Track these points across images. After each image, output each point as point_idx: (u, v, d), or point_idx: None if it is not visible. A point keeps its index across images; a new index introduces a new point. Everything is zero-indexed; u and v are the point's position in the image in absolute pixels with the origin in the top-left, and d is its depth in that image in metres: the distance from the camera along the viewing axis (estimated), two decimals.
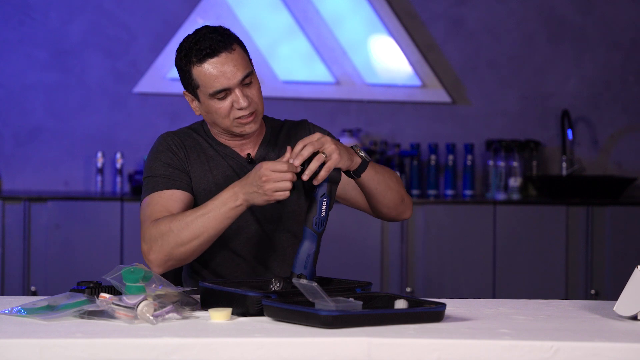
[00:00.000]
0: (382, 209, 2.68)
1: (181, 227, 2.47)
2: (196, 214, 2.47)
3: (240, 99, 2.56)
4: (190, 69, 2.57)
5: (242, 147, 2.69)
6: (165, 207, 2.56)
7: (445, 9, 5.49)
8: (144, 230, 2.54)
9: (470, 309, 2.35)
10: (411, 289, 4.95)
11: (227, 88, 2.56)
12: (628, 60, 5.56)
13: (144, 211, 2.58)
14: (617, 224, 5.02)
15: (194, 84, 2.58)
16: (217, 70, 2.55)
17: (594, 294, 4.98)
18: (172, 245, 2.48)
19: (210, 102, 2.58)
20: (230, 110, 2.58)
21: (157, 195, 2.59)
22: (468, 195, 5.34)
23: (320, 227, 2.40)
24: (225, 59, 2.55)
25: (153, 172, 2.63)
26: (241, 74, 2.56)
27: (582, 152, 5.54)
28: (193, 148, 2.68)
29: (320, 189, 2.40)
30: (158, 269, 2.51)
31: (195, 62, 2.56)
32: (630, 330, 2.14)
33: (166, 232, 2.48)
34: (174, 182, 2.61)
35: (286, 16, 5.40)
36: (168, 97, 5.35)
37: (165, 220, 2.50)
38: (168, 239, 2.47)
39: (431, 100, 5.47)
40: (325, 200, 2.40)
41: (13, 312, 2.22)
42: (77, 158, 5.33)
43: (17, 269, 4.84)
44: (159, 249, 2.49)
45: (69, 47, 5.32)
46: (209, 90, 2.56)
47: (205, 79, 2.56)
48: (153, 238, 2.50)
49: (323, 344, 1.99)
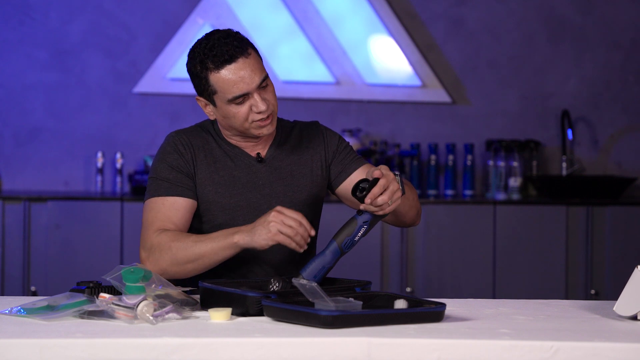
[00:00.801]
0: (398, 224, 2.74)
1: (180, 248, 2.51)
2: (196, 239, 2.51)
3: (259, 102, 2.56)
4: (207, 75, 2.56)
5: (252, 148, 2.69)
6: (167, 216, 2.59)
7: (445, 9, 5.49)
8: (145, 236, 2.58)
9: (470, 309, 2.35)
10: (411, 288, 4.95)
11: (246, 93, 2.56)
12: (628, 60, 5.56)
13: (146, 215, 2.62)
14: (617, 224, 5.02)
15: (210, 90, 2.58)
16: (236, 76, 2.55)
17: (594, 294, 4.98)
18: (168, 262, 2.52)
19: (229, 107, 2.58)
20: (249, 114, 2.58)
21: (159, 202, 2.61)
22: (468, 195, 5.34)
23: (348, 248, 2.42)
24: (243, 64, 2.55)
25: (157, 174, 2.64)
26: (259, 79, 2.56)
27: (582, 152, 5.54)
28: (201, 148, 2.68)
29: (365, 215, 2.41)
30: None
31: (212, 68, 2.55)
32: (630, 330, 2.14)
33: (166, 248, 2.52)
34: (177, 188, 2.61)
35: (286, 16, 5.40)
36: (168, 97, 5.35)
37: (169, 236, 2.53)
38: (165, 255, 2.52)
39: (431, 100, 5.47)
40: (365, 228, 2.41)
41: (13, 312, 2.22)
42: (77, 158, 5.33)
43: (17, 269, 4.84)
44: (155, 261, 2.53)
45: (69, 47, 5.32)
46: (227, 96, 2.56)
47: (223, 85, 2.55)
48: (152, 249, 2.54)
49: (323, 344, 1.99)
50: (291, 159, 2.71)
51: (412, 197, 2.67)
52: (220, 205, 2.64)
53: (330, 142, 2.75)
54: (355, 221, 2.40)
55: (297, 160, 2.71)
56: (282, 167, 2.68)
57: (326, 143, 2.75)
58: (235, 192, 2.65)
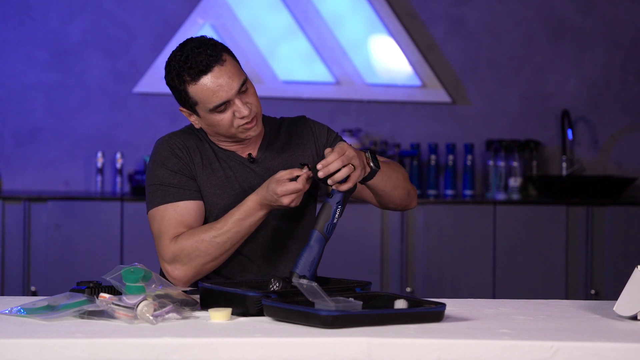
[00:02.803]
0: (389, 204, 2.72)
1: (209, 246, 2.53)
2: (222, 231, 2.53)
3: (241, 108, 2.56)
4: (186, 87, 2.55)
5: (243, 150, 2.69)
6: (182, 222, 2.57)
7: (445, 9, 5.49)
8: (163, 248, 2.56)
9: (470, 309, 2.35)
10: (411, 288, 4.95)
11: (227, 100, 2.55)
12: (628, 60, 5.56)
13: (158, 224, 2.58)
14: (617, 224, 5.02)
15: (191, 101, 2.57)
16: (214, 85, 2.53)
17: (594, 294, 4.98)
18: (202, 262, 2.54)
19: (212, 116, 2.57)
20: (232, 119, 2.57)
21: (170, 208, 2.59)
22: (468, 195, 5.34)
23: (330, 232, 2.43)
24: (219, 73, 2.53)
25: (161, 181, 2.61)
26: (237, 84, 2.55)
27: (582, 152, 5.54)
28: (195, 149, 2.67)
29: (336, 196, 2.43)
30: (183, 285, 2.56)
31: (189, 80, 2.54)
32: (630, 330, 2.14)
33: (192, 251, 2.53)
34: (185, 192, 2.60)
35: (286, 16, 5.40)
36: (168, 97, 5.34)
37: (189, 239, 2.54)
38: (196, 258, 2.53)
39: (431, 100, 5.47)
40: (340, 208, 2.43)
41: (13, 312, 2.22)
42: (77, 158, 5.33)
43: (17, 269, 4.84)
44: (186, 268, 2.54)
45: (69, 47, 5.32)
46: (208, 106, 2.55)
47: (203, 95, 2.54)
48: (177, 257, 2.53)
49: (323, 344, 1.99)
50: (283, 157, 2.71)
51: (396, 175, 2.65)
52: (219, 207, 2.64)
53: (319, 135, 2.76)
54: (328, 204, 2.43)
55: (289, 157, 2.71)
56: (275, 166, 2.68)
57: (316, 136, 2.75)
58: (232, 193, 2.65)
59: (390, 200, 2.69)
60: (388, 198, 2.67)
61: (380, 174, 2.57)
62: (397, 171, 2.67)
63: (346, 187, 2.42)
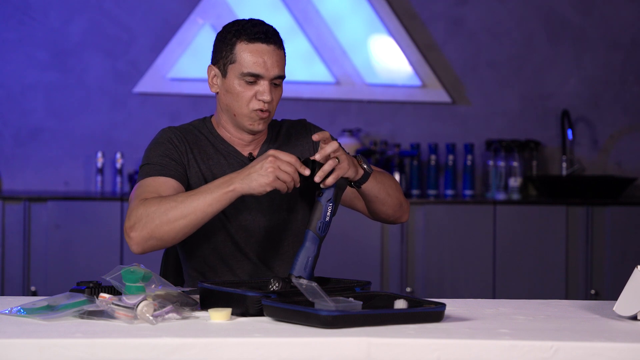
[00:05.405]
0: (381, 214, 2.71)
1: (170, 207, 2.43)
2: (187, 195, 2.45)
3: (266, 91, 2.61)
4: (236, 42, 2.62)
5: (244, 148, 2.70)
6: (157, 190, 2.52)
7: (445, 9, 5.49)
8: (130, 208, 2.49)
9: (470, 309, 2.35)
10: (411, 289, 4.95)
11: (260, 75, 2.61)
12: (628, 60, 5.56)
13: (134, 193, 2.54)
14: (617, 224, 5.02)
15: (231, 57, 2.62)
16: (261, 56, 2.62)
17: (594, 294, 4.98)
18: (157, 223, 2.43)
19: (237, 83, 2.61)
20: (252, 99, 2.61)
21: (150, 180, 2.56)
22: (468, 195, 5.34)
23: (324, 231, 2.42)
24: (272, 51, 2.66)
25: (149, 161, 2.61)
26: (277, 71, 2.66)
27: (582, 152, 5.54)
28: (195, 144, 2.67)
29: (326, 193, 2.43)
30: (137, 248, 2.46)
31: (244, 39, 2.62)
32: (630, 330, 2.14)
33: (153, 210, 2.43)
34: (169, 171, 2.59)
35: (286, 16, 5.40)
36: (168, 97, 5.35)
37: (154, 199, 2.47)
38: (154, 216, 2.43)
39: (431, 100, 5.47)
40: (331, 206, 2.43)
41: (13, 312, 2.22)
42: (77, 158, 5.33)
43: (17, 269, 4.84)
44: (142, 227, 2.43)
45: (69, 47, 5.32)
46: (243, 69, 2.60)
47: (246, 57, 2.61)
48: (138, 216, 2.44)
49: (323, 344, 1.99)
50: None
51: (389, 183, 2.65)
52: None
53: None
54: (320, 203, 2.42)
55: None
56: None
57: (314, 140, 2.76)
58: None
59: (383, 209, 2.68)
60: (381, 205, 2.66)
61: (374, 179, 2.58)
62: (391, 179, 2.69)
63: (331, 180, 2.40)
